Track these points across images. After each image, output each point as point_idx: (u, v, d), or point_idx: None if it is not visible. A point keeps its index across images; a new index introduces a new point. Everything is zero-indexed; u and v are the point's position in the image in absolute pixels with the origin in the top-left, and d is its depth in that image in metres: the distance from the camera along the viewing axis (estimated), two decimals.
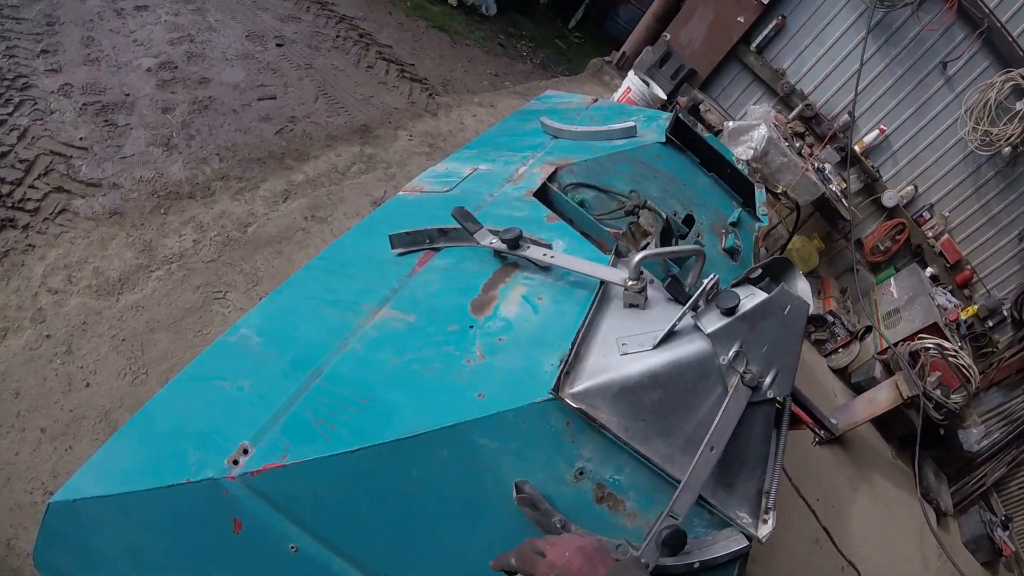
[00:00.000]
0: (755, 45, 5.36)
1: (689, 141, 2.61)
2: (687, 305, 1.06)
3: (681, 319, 1.05)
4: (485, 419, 0.99)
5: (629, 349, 1.05)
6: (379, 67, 4.75)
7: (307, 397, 1.09)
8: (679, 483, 0.98)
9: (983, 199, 4.95)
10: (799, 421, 1.51)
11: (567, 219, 1.66)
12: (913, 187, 5.14)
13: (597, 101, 3.08)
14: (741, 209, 2.52)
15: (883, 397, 3.82)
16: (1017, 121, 4.32)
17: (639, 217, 1.84)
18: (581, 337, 1.09)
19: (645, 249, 1.14)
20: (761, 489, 1.08)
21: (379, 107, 4.24)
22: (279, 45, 4.40)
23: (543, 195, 1.74)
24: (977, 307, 4.76)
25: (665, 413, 1.03)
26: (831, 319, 4.77)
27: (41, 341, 2.40)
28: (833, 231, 5.51)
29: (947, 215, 5.12)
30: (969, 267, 5.10)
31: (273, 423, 1.04)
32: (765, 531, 1.05)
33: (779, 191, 4.65)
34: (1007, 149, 4.48)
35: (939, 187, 5.14)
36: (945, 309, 4.66)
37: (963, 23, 4.57)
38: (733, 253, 2.21)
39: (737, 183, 2.62)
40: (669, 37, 5.60)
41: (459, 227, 1.38)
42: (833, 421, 1.47)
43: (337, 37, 4.89)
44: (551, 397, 0.98)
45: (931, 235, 5.15)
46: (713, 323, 1.04)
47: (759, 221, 2.54)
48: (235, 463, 0.97)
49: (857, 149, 5.18)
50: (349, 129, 3.92)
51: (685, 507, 0.98)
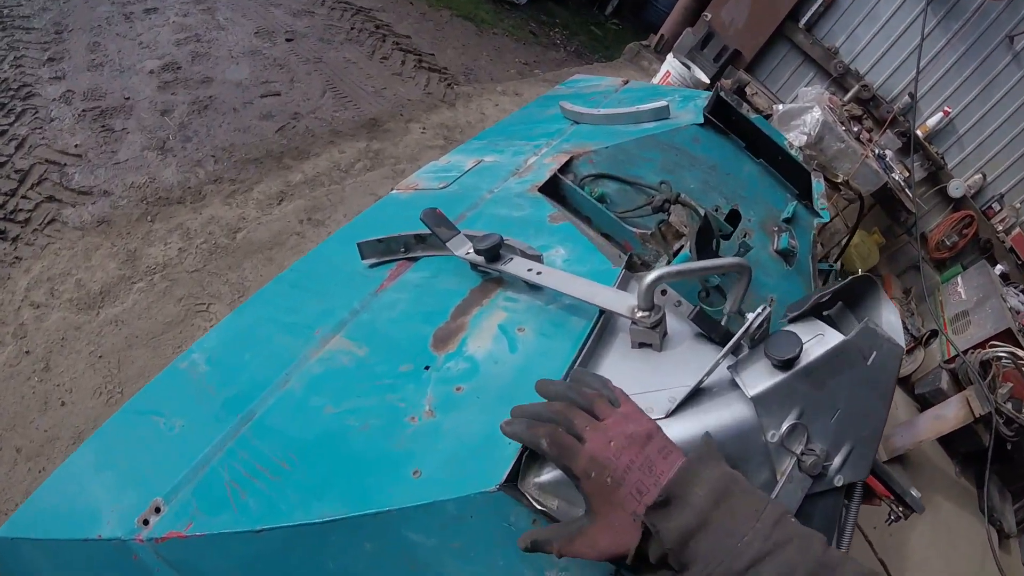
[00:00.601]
0: (804, 22, 4.94)
1: (733, 123, 2.23)
2: (722, 352, 0.75)
3: (711, 373, 0.74)
4: (417, 509, 0.74)
5: None
6: (394, 58, 4.54)
7: (230, 450, 0.95)
8: None
9: None
10: (872, 493, 1.13)
11: (583, 217, 1.48)
12: (981, 175, 4.64)
13: (628, 83, 2.75)
14: (796, 202, 2.13)
15: (951, 415, 3.45)
16: None
17: (671, 214, 1.56)
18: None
19: (662, 264, 0.79)
20: None
21: (391, 99, 4.04)
22: (288, 40, 4.25)
23: (554, 190, 1.52)
24: None
25: None
26: None
27: (21, 357, 2.41)
28: (895, 225, 4.99)
29: (1018, 206, 4.62)
30: None
31: (189, 480, 0.93)
32: None
33: (839, 180, 4.17)
34: None
35: (1009, 175, 4.66)
36: (1018, 312, 4.09)
37: None
38: (787, 256, 1.87)
39: (790, 172, 2.25)
40: (710, 17, 5.21)
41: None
42: (916, 494, 1.09)
43: (352, 29, 4.72)
44: (506, 488, 0.70)
45: (1001, 229, 4.63)
46: (760, 380, 0.73)
47: (818, 217, 2.17)
48: (145, 523, 0.88)
49: (920, 134, 4.67)
50: (356, 124, 3.75)
51: None
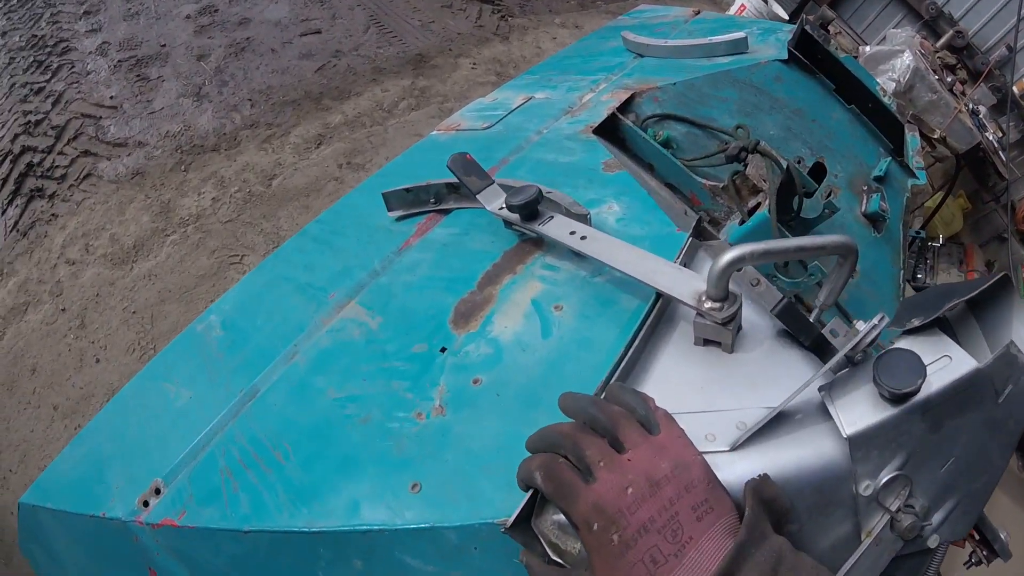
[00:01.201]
0: None
1: (819, 62, 1.97)
2: (820, 371, 0.59)
3: (798, 394, 0.57)
4: (412, 532, 0.63)
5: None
6: None
7: (229, 432, 0.90)
8: None
9: None
10: None
11: (645, 165, 1.34)
12: None
13: (700, 13, 2.46)
14: (890, 159, 1.85)
15: None
16: None
17: (747, 164, 1.37)
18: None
19: (739, 244, 0.59)
20: None
21: (439, 34, 3.84)
22: None
23: (611, 132, 1.36)
24: None
25: None
26: None
27: (57, 315, 2.45)
28: (982, 190, 4.45)
29: None
30: None
31: (188, 462, 0.88)
32: None
33: (935, 136, 3.70)
34: None
35: None
36: None
37: None
38: (877, 221, 1.66)
39: (882, 123, 1.98)
40: None
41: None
42: (1005, 537, 0.89)
43: None
44: (514, 533, 0.57)
45: None
46: (862, 414, 0.57)
47: (914, 177, 1.91)
48: (145, 504, 0.85)
49: (1016, 91, 4.08)
50: (401, 60, 3.58)
51: None
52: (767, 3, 4.42)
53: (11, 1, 3.88)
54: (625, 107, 1.46)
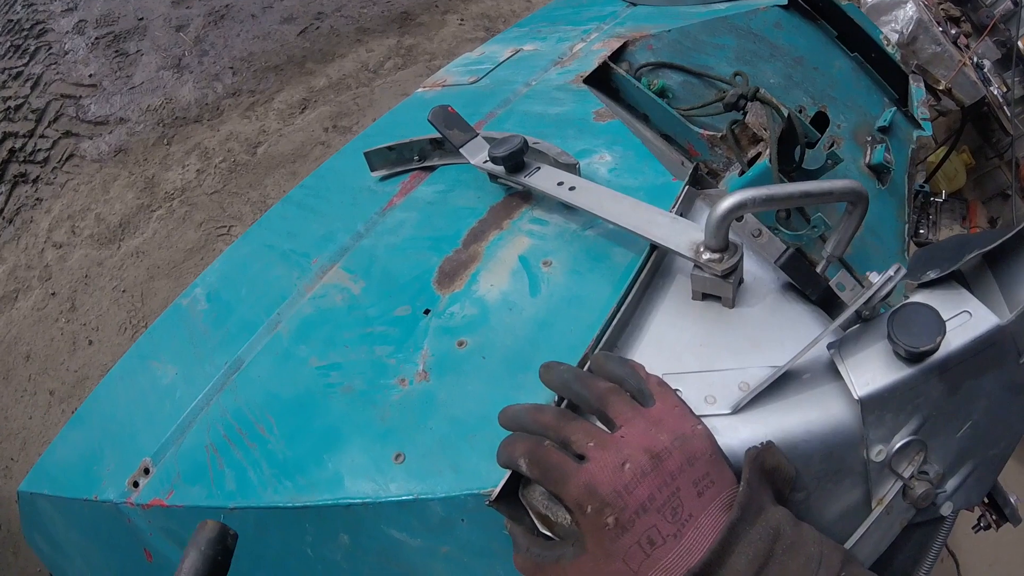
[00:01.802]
0: None
1: (820, 9, 1.91)
2: (830, 327, 0.55)
3: (806, 352, 0.53)
4: (396, 505, 0.59)
5: (686, 403, 0.55)
6: None
7: (214, 406, 0.88)
8: None
9: None
10: None
11: (639, 115, 1.30)
12: None
13: None
14: (895, 109, 1.79)
15: None
16: None
17: (746, 112, 1.31)
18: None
19: (740, 190, 0.54)
20: None
21: None
22: None
23: (603, 81, 1.32)
24: None
25: None
26: None
27: (47, 300, 2.45)
28: (986, 146, 4.36)
29: None
30: None
31: (175, 440, 0.86)
32: None
33: (940, 87, 3.59)
34: None
35: None
36: None
37: None
38: (881, 172, 1.62)
39: (886, 73, 1.92)
40: None
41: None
42: (1015, 501, 0.86)
43: None
44: (499, 505, 0.54)
45: None
46: (876, 374, 0.52)
47: (919, 129, 1.85)
48: (135, 485, 0.84)
49: (1022, 46, 3.95)
50: (385, 19, 3.46)
51: None
52: None
53: None
54: (617, 56, 1.39)
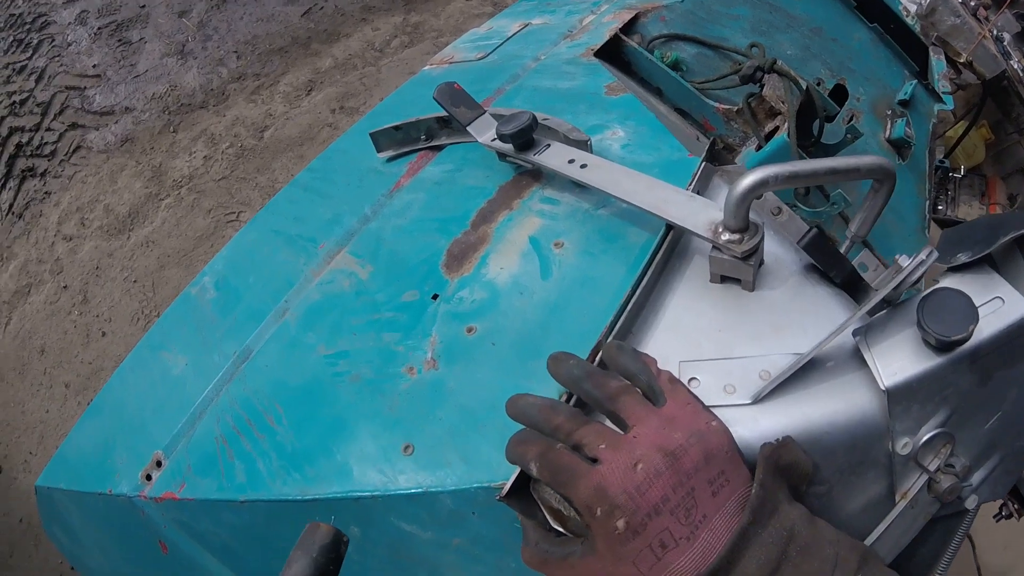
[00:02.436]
0: None
1: None
2: (856, 314, 0.52)
3: (831, 340, 0.51)
4: (406, 498, 0.58)
5: (703, 392, 0.53)
6: None
7: (223, 397, 0.88)
8: None
9: None
10: None
11: (652, 89, 1.28)
12: None
13: None
14: (916, 82, 1.74)
15: None
16: None
17: (763, 85, 1.27)
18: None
19: (760, 167, 0.51)
20: None
21: None
22: None
23: (615, 54, 1.29)
24: None
25: None
26: None
27: (60, 293, 2.46)
28: (1006, 120, 4.22)
29: None
30: None
31: (185, 431, 0.86)
32: None
33: (961, 60, 3.47)
34: None
35: None
36: None
37: None
38: (902, 147, 1.56)
39: (906, 45, 1.88)
40: None
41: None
42: None
43: None
44: (511, 501, 0.52)
45: None
46: (904, 363, 0.50)
47: (940, 103, 1.79)
48: (148, 478, 0.84)
49: None
50: None
51: None
52: None
53: None
54: (629, 28, 1.36)
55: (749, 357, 0.54)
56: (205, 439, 0.82)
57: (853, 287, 0.63)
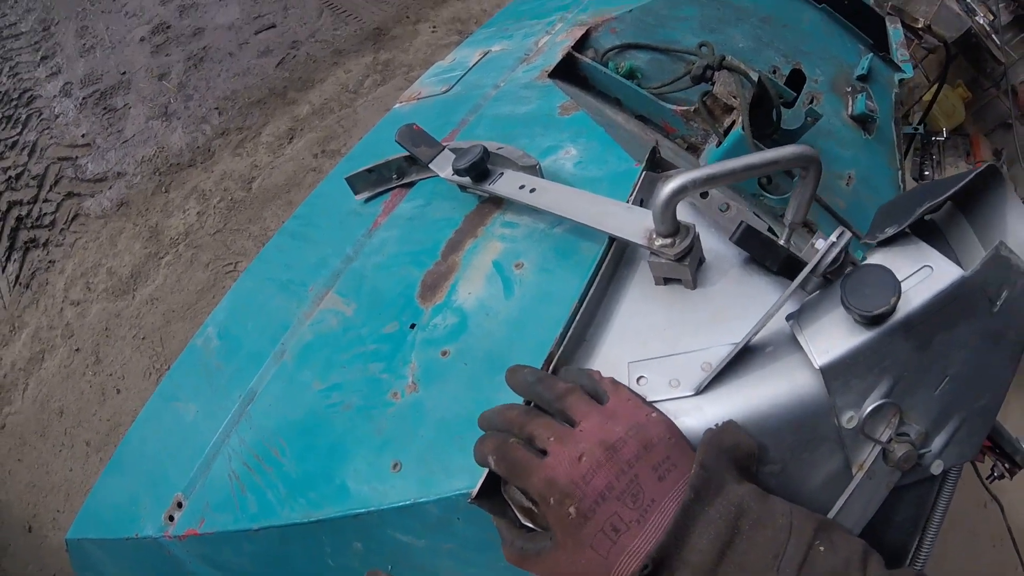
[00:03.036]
0: None
1: None
2: (776, 304, 0.54)
3: (762, 326, 0.54)
4: (396, 511, 0.64)
5: (650, 388, 0.56)
6: None
7: (232, 439, 0.93)
8: None
9: None
10: None
11: (612, 100, 1.32)
12: None
13: None
14: (872, 55, 1.77)
15: None
16: None
17: (714, 83, 1.30)
18: (555, 364, 0.63)
19: (681, 172, 0.55)
20: None
21: (393, 3, 3.75)
22: None
23: (572, 72, 1.32)
24: None
25: None
26: None
27: (72, 356, 2.53)
28: (981, 77, 4.20)
29: None
30: None
31: (202, 472, 0.91)
32: None
33: (919, 26, 3.47)
34: None
35: None
36: None
37: None
38: (866, 122, 1.58)
39: (860, 19, 1.89)
40: None
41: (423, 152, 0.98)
42: None
43: None
44: (481, 502, 0.56)
45: None
46: (834, 341, 0.52)
47: (900, 72, 1.82)
48: (171, 519, 0.88)
49: None
50: (359, 37, 3.51)
51: None
52: None
53: None
54: (582, 44, 1.39)
55: (692, 351, 0.57)
56: (219, 477, 0.87)
57: (795, 271, 0.67)
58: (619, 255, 0.68)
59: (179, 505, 0.88)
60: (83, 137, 3.18)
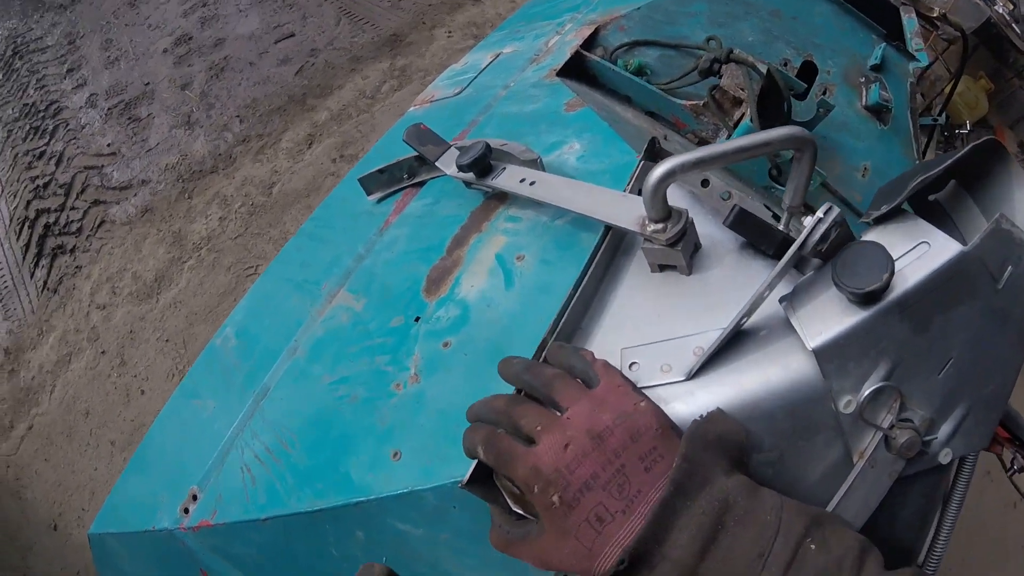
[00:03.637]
0: None
1: None
2: (764, 283, 0.52)
3: (749, 315, 0.53)
4: (396, 499, 0.65)
5: (642, 374, 0.55)
6: None
7: (246, 433, 0.95)
8: None
9: None
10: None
11: (622, 97, 1.31)
12: None
13: None
14: (885, 45, 1.73)
15: None
16: None
17: (722, 76, 1.28)
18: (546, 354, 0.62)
19: (671, 156, 0.54)
20: None
21: (410, 9, 3.79)
22: None
23: (580, 71, 1.32)
24: None
25: None
26: None
27: (98, 358, 2.60)
28: (1003, 67, 4.05)
29: None
30: None
31: (216, 466, 0.93)
32: None
33: (935, 15, 3.38)
34: None
35: None
36: None
37: None
38: (880, 112, 1.53)
39: (873, 9, 1.84)
40: None
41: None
42: None
43: None
44: (474, 488, 0.56)
45: None
46: (828, 322, 0.50)
47: (914, 60, 1.76)
48: (186, 511, 0.90)
49: None
50: (376, 44, 3.56)
51: None
52: None
53: None
54: (591, 43, 1.38)
55: (684, 337, 0.56)
56: (232, 470, 0.89)
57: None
58: (616, 244, 0.68)
59: (194, 498, 0.90)
60: (108, 146, 3.28)
